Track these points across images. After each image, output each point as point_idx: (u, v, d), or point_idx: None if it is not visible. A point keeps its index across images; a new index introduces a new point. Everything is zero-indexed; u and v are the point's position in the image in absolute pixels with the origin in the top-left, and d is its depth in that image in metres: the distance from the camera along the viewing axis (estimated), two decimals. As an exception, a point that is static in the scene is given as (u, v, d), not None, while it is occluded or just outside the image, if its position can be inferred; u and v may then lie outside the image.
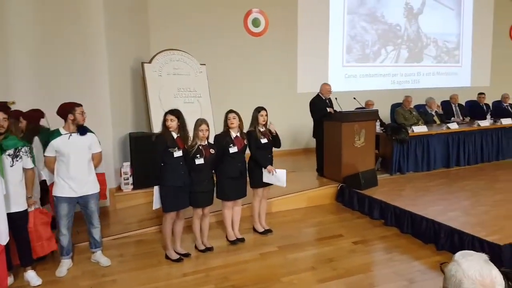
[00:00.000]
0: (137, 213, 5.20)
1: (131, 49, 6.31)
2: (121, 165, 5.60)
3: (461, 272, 1.31)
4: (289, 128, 8.38)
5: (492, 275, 1.30)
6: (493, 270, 1.31)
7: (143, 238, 4.51)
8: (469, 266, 1.31)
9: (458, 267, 1.32)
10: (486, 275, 1.29)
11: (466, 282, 1.29)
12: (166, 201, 3.84)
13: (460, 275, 1.30)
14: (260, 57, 8.16)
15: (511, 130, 7.39)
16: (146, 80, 6.15)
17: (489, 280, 1.28)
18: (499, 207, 4.71)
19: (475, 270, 1.30)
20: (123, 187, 5.55)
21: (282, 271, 3.70)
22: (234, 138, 4.18)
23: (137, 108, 6.43)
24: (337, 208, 5.50)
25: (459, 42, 10.27)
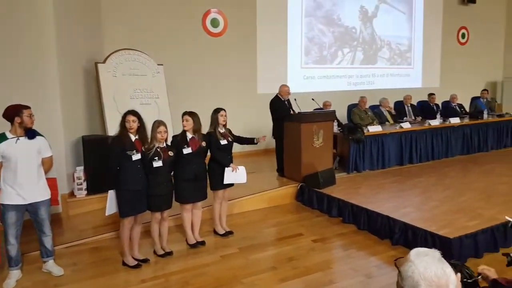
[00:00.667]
0: (91, 219, 5.01)
1: (84, 48, 6.07)
2: (74, 169, 5.37)
3: (417, 273, 1.34)
4: (249, 129, 8.37)
5: (447, 275, 1.34)
6: (447, 269, 1.35)
7: (99, 245, 4.35)
8: (426, 267, 1.34)
9: (415, 268, 1.35)
10: (442, 275, 1.33)
11: (423, 284, 1.32)
12: (123, 205, 3.72)
13: (417, 277, 1.33)
14: (220, 57, 8.11)
15: (459, 129, 7.77)
16: (100, 81, 5.94)
17: (445, 280, 1.33)
18: (448, 202, 4.94)
19: (431, 271, 1.33)
20: (76, 192, 5.32)
21: (243, 272, 3.69)
22: (190, 139, 4.12)
23: (90, 110, 6.20)
24: (297, 207, 5.57)
25: (410, 44, 10.71)
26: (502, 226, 4.08)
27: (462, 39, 11.73)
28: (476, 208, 4.66)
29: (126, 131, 3.71)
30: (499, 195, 5.15)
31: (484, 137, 8.15)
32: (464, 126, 7.87)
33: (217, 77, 8.09)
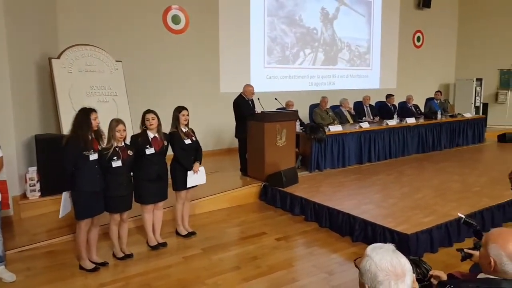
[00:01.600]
0: (45, 222, 4.77)
1: (37, 43, 5.77)
2: (26, 170, 5.10)
3: (374, 265, 1.39)
4: (212, 128, 8.34)
5: (402, 264, 1.40)
6: (401, 259, 1.42)
7: (54, 249, 4.15)
8: (381, 259, 1.40)
9: (371, 261, 1.41)
10: (397, 264, 1.39)
11: (380, 275, 1.37)
12: (79, 207, 3.56)
13: (374, 269, 1.39)
14: (181, 55, 7.98)
15: (415, 129, 8.08)
16: (54, 77, 5.68)
17: (400, 268, 1.39)
18: (405, 199, 5.12)
19: (386, 261, 1.39)
20: (28, 194, 5.06)
21: (206, 273, 3.64)
22: (152, 139, 4.01)
23: (44, 108, 5.91)
24: (261, 206, 5.58)
25: (369, 47, 11.04)
26: (455, 222, 4.26)
27: (417, 42, 12.23)
28: (432, 205, 4.84)
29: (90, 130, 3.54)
30: (452, 192, 5.38)
31: (438, 137, 8.52)
32: (420, 126, 8.19)
33: (178, 75, 7.96)
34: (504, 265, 1.63)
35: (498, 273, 1.67)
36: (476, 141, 9.42)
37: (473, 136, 9.37)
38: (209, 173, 6.10)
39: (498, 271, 1.66)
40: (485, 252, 1.70)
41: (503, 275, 1.66)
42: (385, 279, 1.37)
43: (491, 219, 4.65)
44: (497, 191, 5.28)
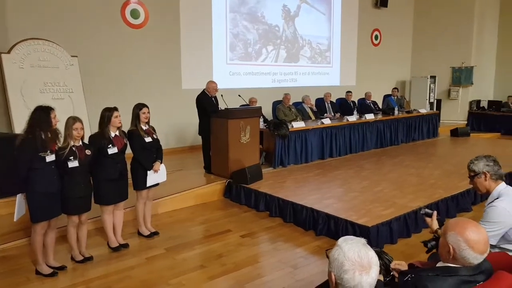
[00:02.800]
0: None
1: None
2: (-25, 171, 4.79)
3: (342, 255, 1.44)
4: (174, 126, 8.20)
5: (369, 256, 1.44)
6: (370, 252, 1.46)
7: (7, 254, 3.94)
8: (349, 249, 1.45)
9: (340, 250, 1.46)
10: (364, 256, 1.43)
11: (346, 264, 1.42)
12: (35, 210, 3.39)
13: (341, 258, 1.44)
14: (141, 50, 7.77)
15: (373, 124, 8.33)
16: (4, 73, 5.38)
17: (366, 260, 1.43)
18: (366, 193, 5.26)
19: (354, 252, 1.44)
20: (-22, 197, 4.76)
21: (170, 273, 3.58)
22: (113, 137, 3.88)
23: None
24: (225, 204, 5.55)
25: (329, 44, 11.24)
26: (413, 213, 4.44)
27: (375, 40, 12.59)
28: (390, 197, 5.01)
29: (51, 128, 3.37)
30: (409, 185, 5.59)
31: (395, 132, 8.84)
32: (378, 121, 8.45)
33: (138, 71, 7.75)
34: (462, 251, 1.70)
35: (457, 260, 1.74)
36: (431, 135, 9.86)
37: (428, 131, 9.80)
38: (172, 171, 6.05)
39: (457, 258, 1.73)
40: (444, 241, 1.78)
41: (461, 262, 1.73)
42: (350, 269, 1.41)
43: (446, 210, 4.87)
44: (451, 183, 5.55)
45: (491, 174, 2.53)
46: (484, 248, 1.71)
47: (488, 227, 2.37)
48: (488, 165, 2.54)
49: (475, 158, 2.61)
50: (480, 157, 2.60)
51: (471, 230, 1.72)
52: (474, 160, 2.61)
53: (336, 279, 1.45)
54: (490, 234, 2.34)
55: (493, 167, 2.54)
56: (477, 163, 2.58)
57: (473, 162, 2.60)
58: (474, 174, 2.59)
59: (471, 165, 2.61)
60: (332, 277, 1.47)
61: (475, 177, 2.59)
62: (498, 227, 2.40)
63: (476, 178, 2.59)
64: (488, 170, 2.54)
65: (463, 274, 1.72)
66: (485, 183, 2.56)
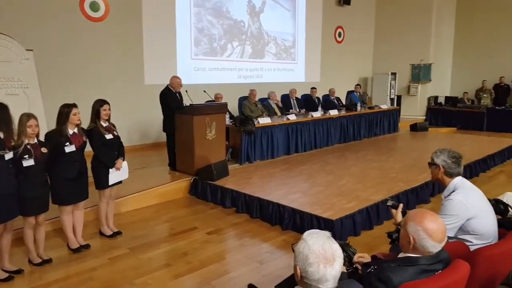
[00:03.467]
0: None
1: None
2: None
3: (307, 248, 1.47)
4: (137, 122, 8.01)
5: (333, 249, 1.48)
6: (334, 245, 1.49)
7: (-42, 260, 3.72)
8: (314, 242, 1.47)
9: (305, 244, 1.48)
10: (328, 249, 1.47)
11: (311, 257, 1.44)
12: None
13: (306, 251, 1.46)
14: (101, 45, 7.51)
15: (337, 120, 8.47)
16: (-48, 67, 5.05)
17: (330, 253, 1.46)
18: (330, 187, 5.35)
19: (318, 245, 1.47)
20: None
21: (134, 273, 3.49)
22: (71, 135, 3.73)
23: None
24: (191, 201, 5.49)
25: (294, 41, 11.33)
26: (375, 206, 4.57)
27: (338, 37, 12.81)
28: (354, 191, 5.13)
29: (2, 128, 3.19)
30: (371, 178, 5.74)
31: (358, 127, 9.04)
32: (342, 117, 8.62)
33: (98, 66, 7.49)
34: (422, 240, 1.77)
35: (416, 250, 1.81)
36: (391, 130, 10.15)
37: (389, 126, 10.09)
38: (136, 169, 5.92)
39: (416, 247, 1.80)
40: (404, 232, 1.84)
41: (421, 251, 1.80)
42: (314, 262, 1.44)
43: (406, 202, 4.98)
44: (410, 176, 5.74)
45: (445, 170, 2.62)
46: (442, 237, 1.79)
47: (446, 219, 2.43)
48: (446, 162, 2.61)
49: (440, 150, 2.68)
50: (445, 151, 2.66)
51: (429, 220, 1.79)
52: (439, 151, 2.68)
53: (301, 272, 1.47)
54: (448, 226, 2.41)
55: (451, 165, 2.61)
56: (439, 155, 2.65)
57: (436, 153, 2.68)
58: (432, 163, 2.69)
59: (433, 155, 2.70)
60: (298, 271, 1.49)
61: (432, 166, 2.69)
62: (455, 219, 2.47)
63: (432, 167, 2.70)
64: (443, 165, 2.61)
65: (422, 263, 1.78)
66: (438, 175, 2.66)
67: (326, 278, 1.44)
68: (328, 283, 1.45)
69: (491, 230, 2.52)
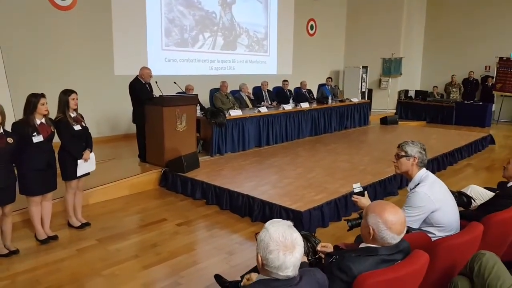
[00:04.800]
0: None
1: None
2: None
3: (268, 236, 1.53)
4: (107, 113, 7.88)
5: (293, 237, 1.54)
6: (294, 233, 1.56)
7: None
8: (275, 231, 1.54)
9: (267, 232, 1.55)
10: (288, 236, 1.53)
11: (272, 245, 1.51)
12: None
13: (267, 239, 1.53)
14: (69, 34, 7.32)
15: (308, 113, 8.59)
16: None
17: (290, 241, 1.53)
18: (300, 179, 5.44)
19: (279, 233, 1.53)
20: None
21: (102, 264, 3.50)
22: (39, 125, 3.67)
23: None
24: (161, 193, 5.48)
25: (267, 33, 11.36)
26: (343, 198, 4.66)
27: (311, 30, 12.93)
28: (322, 183, 5.23)
29: None
30: (340, 171, 5.87)
31: (329, 120, 9.20)
32: (313, 110, 8.74)
33: (66, 56, 7.32)
34: (381, 231, 1.84)
35: (376, 241, 1.87)
36: (362, 123, 10.36)
37: (360, 119, 10.28)
38: (105, 160, 5.86)
39: (376, 238, 1.87)
40: (365, 223, 1.91)
41: (381, 242, 1.86)
42: (275, 249, 1.50)
43: (374, 194, 5.10)
44: (379, 169, 5.87)
45: (419, 161, 2.68)
46: (401, 229, 1.85)
47: (411, 212, 2.53)
48: (421, 153, 2.69)
49: (411, 142, 2.75)
50: (416, 143, 2.75)
51: (389, 212, 1.85)
52: (411, 143, 2.73)
53: (262, 260, 1.53)
54: (412, 218, 2.53)
55: (423, 155, 2.70)
56: (413, 147, 2.71)
57: (409, 144, 2.72)
58: (404, 155, 2.71)
59: (405, 146, 2.73)
60: (259, 258, 1.55)
61: (404, 157, 2.71)
62: (420, 211, 2.54)
63: (404, 159, 2.71)
64: (418, 157, 2.68)
65: (382, 254, 1.85)
66: (410, 166, 2.70)
67: (286, 265, 1.50)
68: (287, 270, 1.51)
69: (453, 222, 2.61)
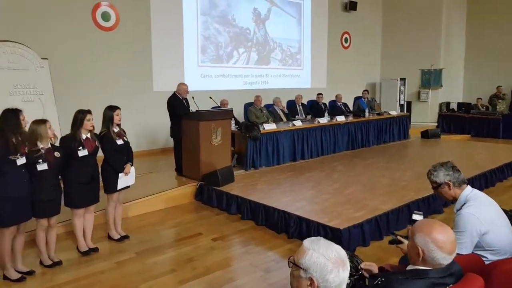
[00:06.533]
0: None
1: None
2: None
3: (322, 257, 1.44)
4: (146, 128, 8.12)
5: (342, 252, 1.48)
6: (338, 247, 1.49)
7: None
8: (326, 249, 1.46)
9: (317, 253, 1.45)
10: (340, 252, 1.47)
11: (330, 264, 1.43)
12: (4, 214, 3.30)
13: (322, 259, 1.44)
14: (112, 53, 7.68)
15: (344, 126, 8.42)
16: (-29, 75, 5.20)
17: (344, 256, 1.47)
18: (337, 195, 5.28)
19: (332, 250, 1.46)
20: None
21: (140, 277, 3.55)
22: (84, 140, 3.83)
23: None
24: (197, 206, 5.53)
25: (300, 47, 11.38)
26: (385, 216, 4.45)
27: (345, 43, 12.82)
28: (362, 199, 5.02)
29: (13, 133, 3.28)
30: (380, 187, 5.61)
31: (366, 134, 8.95)
32: (349, 123, 8.56)
33: (109, 73, 7.66)
34: (431, 252, 1.70)
35: (426, 262, 1.74)
36: (402, 137, 9.99)
37: (399, 133, 9.93)
38: (144, 173, 6.00)
39: (426, 260, 1.73)
40: (412, 243, 1.78)
41: (431, 263, 1.73)
42: (334, 268, 1.42)
43: None
44: (422, 185, 5.27)
45: (453, 182, 2.48)
46: (452, 247, 1.72)
47: (459, 236, 2.28)
48: (448, 174, 2.49)
49: (433, 169, 2.55)
50: (438, 167, 2.54)
51: (438, 231, 1.72)
52: (433, 171, 2.54)
53: (318, 283, 1.43)
54: (462, 244, 2.28)
55: (454, 175, 2.48)
56: (437, 174, 2.52)
57: (433, 174, 2.54)
58: (436, 185, 2.54)
59: (431, 177, 2.54)
60: (314, 283, 1.44)
61: (439, 188, 2.54)
62: (469, 235, 2.32)
63: (440, 189, 2.54)
64: (449, 180, 2.48)
65: (432, 277, 1.71)
66: (450, 192, 2.51)
67: (344, 281, 1.44)
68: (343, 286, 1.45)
69: (508, 244, 2.35)
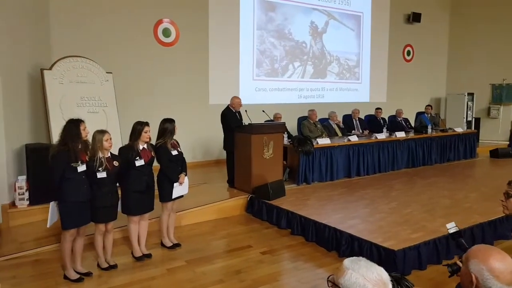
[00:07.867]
0: (33, 230, 4.77)
1: (29, 55, 5.86)
2: (16, 179, 5.13)
3: (362, 278, 1.39)
4: (201, 140, 8.38)
5: (384, 273, 1.41)
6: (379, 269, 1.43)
7: (40, 258, 4.16)
8: (367, 270, 1.40)
9: (357, 274, 1.40)
10: (381, 273, 1.40)
11: (370, 286, 1.37)
12: (66, 217, 3.58)
13: (361, 280, 1.38)
14: (171, 67, 8.06)
15: (405, 143, 8.05)
16: (45, 88, 5.72)
17: (385, 277, 1.40)
18: (394, 214, 5.06)
19: (372, 272, 1.40)
20: (17, 203, 5.08)
21: (189, 285, 3.64)
22: (141, 150, 4.05)
23: (35, 118, 5.97)
24: (247, 219, 5.57)
25: (359, 60, 11.15)
26: (444, 239, 4.16)
27: (407, 56, 12.35)
28: (420, 220, 4.76)
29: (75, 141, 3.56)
30: (441, 208, 5.30)
31: (428, 151, 8.47)
32: (409, 140, 8.16)
33: (168, 87, 8.03)
34: (486, 281, 1.56)
35: None
36: (468, 156, 9.36)
37: (465, 151, 9.31)
38: (197, 184, 6.17)
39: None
40: (466, 270, 1.64)
41: None
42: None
43: (481, 236, 4.53)
44: (488, 207, 5.13)
45: None
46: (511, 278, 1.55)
47: None
48: None
49: None
50: None
51: (495, 258, 1.57)
52: None
53: None
54: None
55: None
56: None
57: None
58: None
59: None
60: None
61: None
62: None
63: None
64: None
65: None
66: None
67: None
68: None
69: None
